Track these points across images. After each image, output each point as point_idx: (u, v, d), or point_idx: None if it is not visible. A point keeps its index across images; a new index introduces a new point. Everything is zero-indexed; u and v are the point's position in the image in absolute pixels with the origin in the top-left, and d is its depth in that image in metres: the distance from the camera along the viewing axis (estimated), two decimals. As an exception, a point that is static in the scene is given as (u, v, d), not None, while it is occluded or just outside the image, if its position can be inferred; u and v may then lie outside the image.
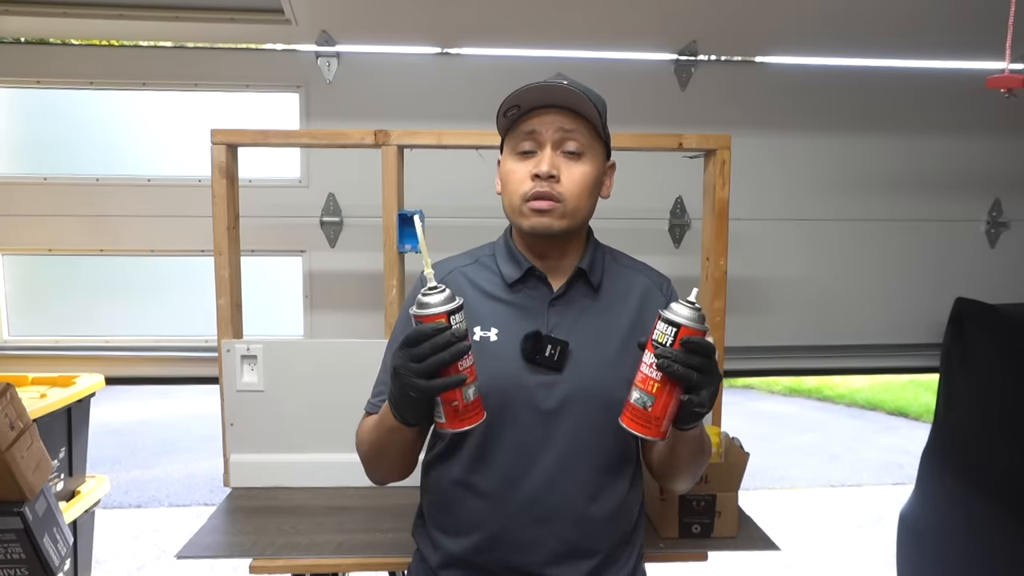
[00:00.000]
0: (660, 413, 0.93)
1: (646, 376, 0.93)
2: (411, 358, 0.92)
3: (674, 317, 0.91)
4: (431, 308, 0.92)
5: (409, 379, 0.92)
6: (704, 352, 0.91)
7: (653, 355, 0.92)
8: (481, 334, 1.12)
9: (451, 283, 1.15)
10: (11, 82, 2.29)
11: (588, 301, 1.15)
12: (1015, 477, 2.03)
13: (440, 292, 0.93)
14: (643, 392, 0.93)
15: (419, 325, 0.93)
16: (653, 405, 0.93)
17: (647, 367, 0.93)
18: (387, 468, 1.16)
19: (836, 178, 2.45)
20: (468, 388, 0.95)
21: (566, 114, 1.08)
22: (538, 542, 1.10)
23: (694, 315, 0.91)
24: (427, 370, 0.91)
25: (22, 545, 1.64)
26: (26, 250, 2.34)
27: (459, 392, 0.94)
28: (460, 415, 0.95)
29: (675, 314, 0.91)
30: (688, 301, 0.92)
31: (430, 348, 0.91)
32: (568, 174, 1.09)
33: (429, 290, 0.93)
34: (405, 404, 0.98)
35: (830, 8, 2.20)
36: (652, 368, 0.92)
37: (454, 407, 0.95)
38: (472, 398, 0.95)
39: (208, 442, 5.44)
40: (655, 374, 0.92)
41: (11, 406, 1.61)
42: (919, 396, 7.31)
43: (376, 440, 1.11)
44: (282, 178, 2.32)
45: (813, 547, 3.75)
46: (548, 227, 1.09)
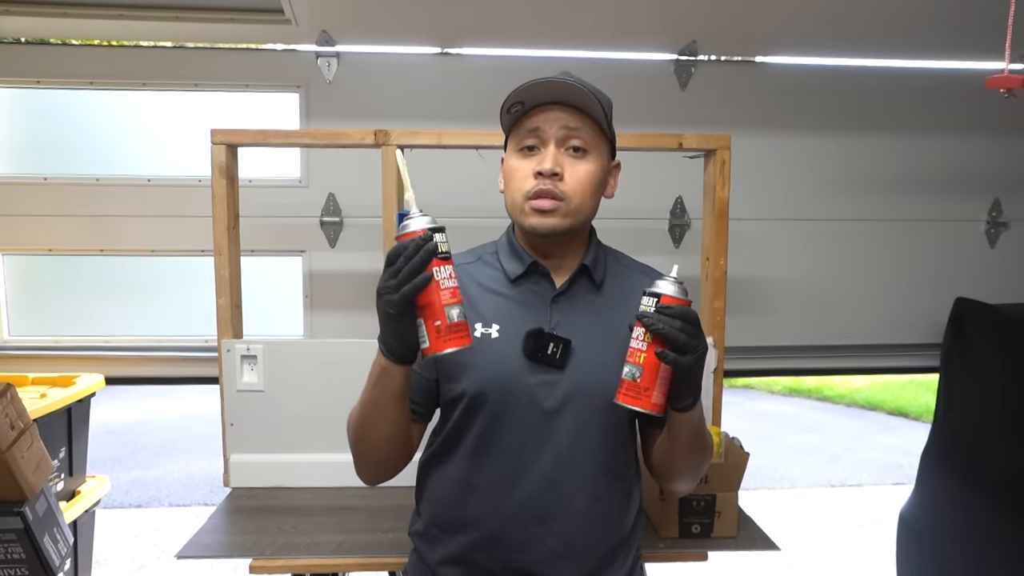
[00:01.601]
0: (649, 383, 0.96)
1: (633, 349, 0.97)
2: (390, 275, 0.91)
3: (655, 289, 0.97)
4: (410, 227, 0.92)
5: (388, 296, 0.91)
6: (684, 315, 0.94)
7: (642, 327, 0.96)
8: (482, 331, 1.11)
9: None
10: (11, 82, 2.29)
11: (591, 298, 1.15)
12: (1015, 477, 2.03)
13: (421, 215, 0.93)
14: (632, 365, 0.97)
15: (397, 243, 0.92)
16: (642, 376, 0.96)
17: (634, 340, 0.97)
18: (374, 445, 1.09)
19: (836, 178, 2.45)
20: (452, 307, 0.92)
21: (571, 111, 1.08)
22: (537, 541, 1.09)
23: (674, 287, 0.96)
24: (402, 279, 0.90)
25: (22, 545, 1.64)
26: (26, 250, 2.34)
27: (440, 308, 0.91)
28: (444, 335, 0.92)
29: (656, 286, 0.97)
30: (669, 276, 0.98)
31: (404, 260, 0.90)
32: (571, 172, 1.08)
33: (411, 214, 0.94)
34: (388, 326, 0.95)
35: (830, 8, 2.20)
36: (638, 340, 0.96)
37: (437, 327, 0.91)
38: (456, 319, 0.92)
39: (208, 442, 5.44)
40: (641, 344, 0.96)
41: (11, 406, 1.61)
42: (919, 396, 7.31)
43: (365, 400, 1.06)
44: (282, 178, 2.32)
45: (813, 547, 3.75)
46: (550, 227, 1.08)
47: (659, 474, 1.18)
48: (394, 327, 0.94)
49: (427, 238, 0.91)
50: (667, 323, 0.93)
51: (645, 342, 0.95)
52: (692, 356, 0.95)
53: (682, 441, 1.07)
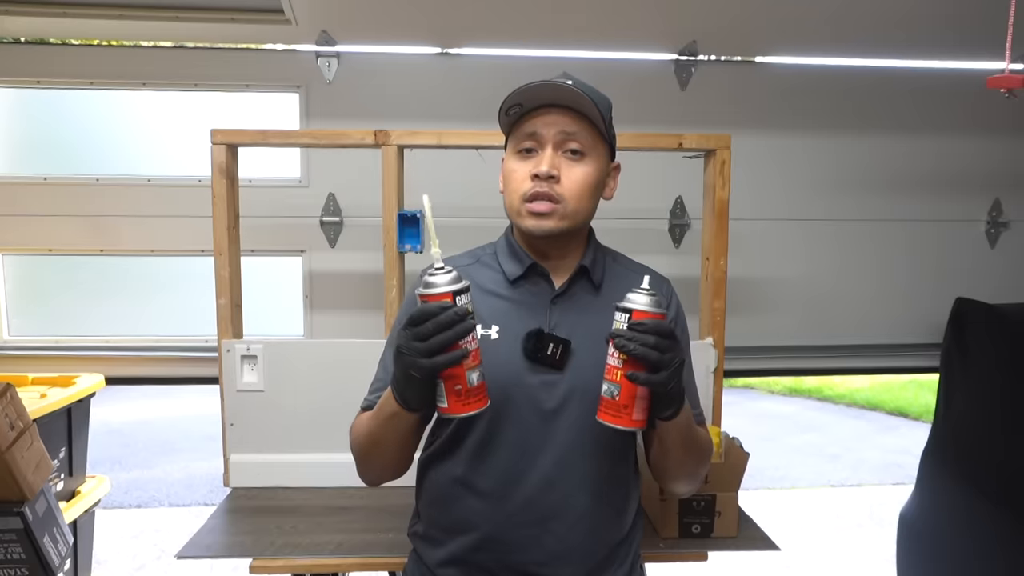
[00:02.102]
0: (627, 401, 0.94)
1: (610, 366, 0.95)
2: (415, 336, 0.91)
3: (626, 304, 0.94)
4: (437, 288, 0.91)
5: (412, 358, 0.91)
6: (656, 330, 0.92)
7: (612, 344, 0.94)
8: (482, 332, 1.11)
9: None
10: (11, 82, 2.29)
11: (590, 299, 1.15)
12: (1015, 477, 2.03)
13: (446, 272, 0.92)
14: (609, 383, 0.95)
15: (424, 304, 0.91)
16: (619, 393, 0.94)
17: (610, 357, 0.95)
18: (382, 463, 1.13)
19: (836, 178, 2.45)
20: (472, 371, 0.93)
21: (569, 114, 1.07)
22: (536, 542, 1.09)
23: (646, 299, 0.93)
24: (431, 348, 0.90)
25: (22, 545, 1.64)
26: (26, 250, 2.34)
27: (463, 373, 0.92)
28: (463, 399, 0.93)
29: (627, 301, 0.94)
30: (641, 288, 0.95)
31: (434, 326, 0.89)
32: (568, 175, 1.08)
33: (436, 270, 0.93)
34: (407, 385, 0.96)
35: (830, 8, 2.20)
36: (613, 356, 0.94)
37: (457, 390, 0.93)
38: (476, 382, 0.93)
39: (208, 442, 5.44)
40: (617, 362, 0.94)
41: (11, 406, 1.61)
42: (919, 396, 7.31)
43: (374, 430, 1.08)
44: (282, 178, 2.32)
45: (813, 547, 3.75)
46: (547, 230, 1.08)
47: (658, 476, 1.18)
48: (415, 389, 0.96)
49: (462, 313, 0.90)
50: (638, 342, 0.91)
51: (620, 359, 0.93)
52: (665, 372, 0.92)
53: (672, 446, 1.07)
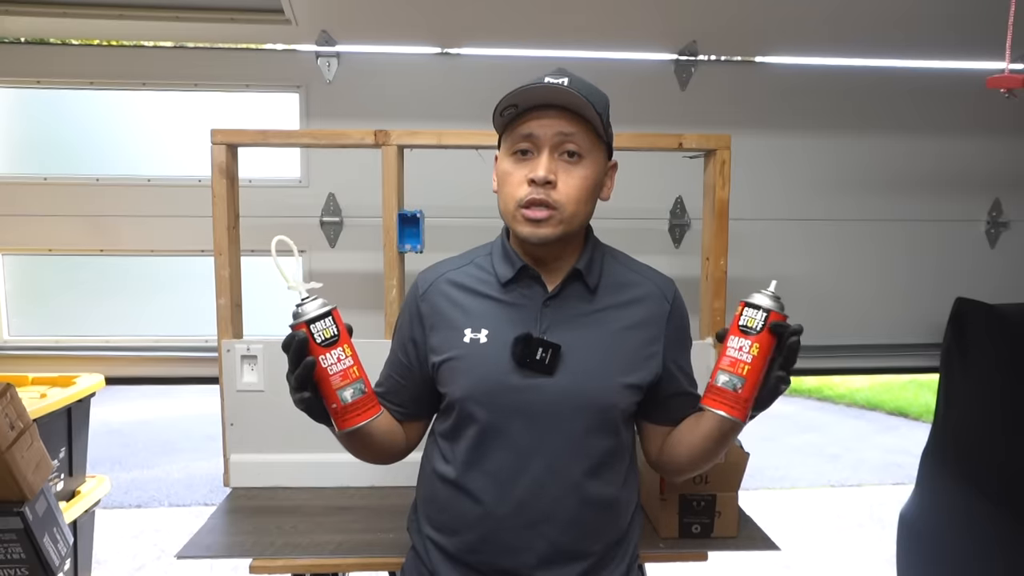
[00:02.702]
0: (749, 394, 0.98)
1: (735, 359, 0.98)
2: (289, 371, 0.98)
3: (761, 302, 0.98)
4: (296, 319, 0.98)
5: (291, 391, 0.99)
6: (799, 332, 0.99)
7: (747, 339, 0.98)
8: (471, 336, 1.11)
9: (442, 288, 1.16)
10: (11, 82, 2.29)
11: (584, 303, 1.14)
12: (1015, 477, 2.03)
13: (307, 303, 0.99)
14: (732, 375, 0.98)
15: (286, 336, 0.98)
16: (743, 386, 0.98)
17: (736, 351, 0.98)
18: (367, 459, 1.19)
19: (836, 178, 2.45)
20: (344, 390, 0.98)
21: (565, 116, 1.05)
22: (528, 546, 1.09)
23: (778, 303, 0.99)
24: (295, 382, 0.97)
25: (22, 545, 1.64)
26: (26, 250, 2.34)
27: (333, 394, 0.98)
28: (340, 416, 0.99)
29: (765, 303, 0.99)
30: (769, 291, 1.00)
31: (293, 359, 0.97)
32: (565, 179, 1.06)
33: (301, 302, 1.00)
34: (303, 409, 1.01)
35: (830, 8, 2.20)
36: (741, 351, 0.98)
37: (334, 408, 0.99)
38: (350, 400, 0.99)
39: (208, 442, 5.44)
40: (746, 356, 0.97)
41: (11, 406, 1.61)
42: (919, 396, 7.31)
43: None
44: (282, 178, 2.32)
45: (813, 547, 3.75)
46: (543, 237, 1.07)
47: (667, 468, 1.19)
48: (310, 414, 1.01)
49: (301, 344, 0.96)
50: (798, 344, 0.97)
51: (751, 354, 0.97)
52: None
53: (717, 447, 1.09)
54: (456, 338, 1.12)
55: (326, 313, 0.98)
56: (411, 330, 1.18)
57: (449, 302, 1.15)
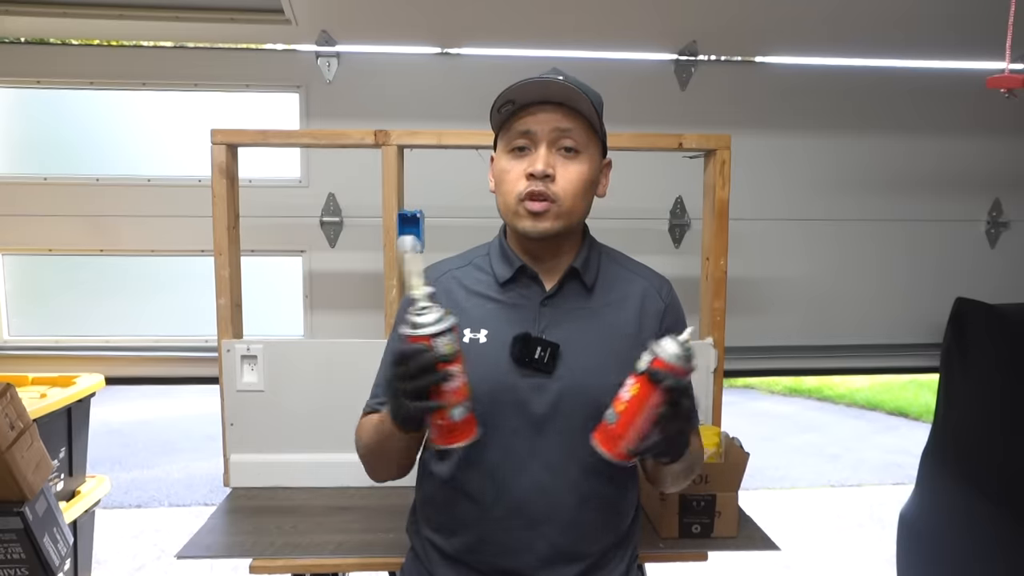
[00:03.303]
0: (622, 432, 0.95)
1: (619, 395, 0.96)
2: (398, 377, 0.93)
3: (657, 346, 0.94)
4: (417, 330, 0.93)
5: (399, 397, 0.94)
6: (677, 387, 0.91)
7: (632, 378, 0.95)
8: (471, 336, 1.11)
9: (441, 287, 1.16)
10: (11, 82, 2.29)
11: (581, 302, 1.14)
12: (1015, 477, 2.03)
13: (427, 313, 0.94)
14: (612, 409, 0.96)
15: (405, 345, 0.94)
16: (616, 423, 0.95)
17: (624, 387, 0.96)
18: (385, 468, 1.17)
19: (836, 178, 2.45)
20: (455, 408, 0.95)
21: (562, 111, 1.06)
22: (526, 546, 1.09)
23: (677, 351, 0.93)
24: (412, 391, 0.92)
25: (22, 545, 1.64)
26: (26, 250, 2.34)
27: (444, 413, 0.94)
28: (445, 434, 0.96)
29: (659, 345, 0.94)
30: (677, 338, 0.94)
31: (414, 370, 0.92)
32: (563, 173, 1.07)
33: (420, 310, 0.94)
34: (398, 416, 0.98)
35: (830, 8, 2.20)
36: (625, 388, 0.95)
37: (440, 425, 0.96)
38: (459, 418, 0.95)
39: (208, 442, 5.44)
40: (626, 394, 0.95)
41: (11, 406, 1.61)
42: (919, 396, 7.31)
43: (375, 442, 1.11)
44: (282, 178, 2.32)
45: (813, 547, 3.75)
46: (543, 231, 1.07)
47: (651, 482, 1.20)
48: (408, 421, 0.97)
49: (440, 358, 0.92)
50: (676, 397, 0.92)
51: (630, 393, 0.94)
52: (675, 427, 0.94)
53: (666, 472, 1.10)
54: None
55: (449, 328, 0.95)
56: None
57: (449, 302, 1.15)
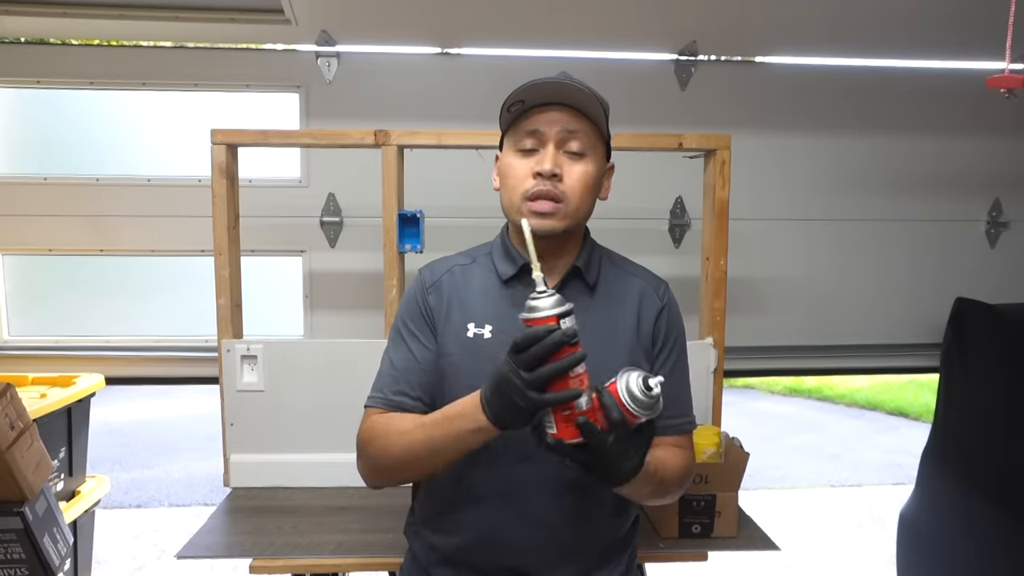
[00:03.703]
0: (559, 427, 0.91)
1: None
2: (522, 365, 0.87)
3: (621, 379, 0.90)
4: (540, 311, 0.88)
5: (520, 388, 0.88)
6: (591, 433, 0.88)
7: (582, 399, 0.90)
8: (475, 331, 1.11)
9: (445, 283, 1.16)
10: (11, 82, 2.29)
11: (584, 300, 1.14)
12: (1015, 477, 2.03)
13: (549, 295, 0.89)
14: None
15: (528, 329, 0.89)
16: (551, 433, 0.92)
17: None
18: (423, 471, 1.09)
19: (836, 178, 2.45)
20: (582, 398, 0.89)
21: (571, 113, 1.07)
22: (529, 543, 1.09)
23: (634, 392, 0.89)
24: (539, 379, 0.87)
25: (22, 545, 1.64)
26: (26, 250, 2.34)
27: (573, 403, 0.88)
28: (568, 424, 0.89)
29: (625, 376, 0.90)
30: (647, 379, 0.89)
31: (540, 352, 0.86)
32: (570, 173, 1.08)
33: (538, 293, 0.90)
34: (508, 411, 0.91)
35: (830, 8, 2.20)
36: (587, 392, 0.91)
37: (566, 416, 0.89)
38: (585, 407, 0.89)
39: (208, 442, 5.44)
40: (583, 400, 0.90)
41: (11, 406, 1.61)
42: (919, 396, 7.31)
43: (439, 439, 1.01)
44: (282, 178, 2.32)
45: (813, 547, 3.75)
46: (549, 229, 1.08)
47: None
48: (517, 417, 0.91)
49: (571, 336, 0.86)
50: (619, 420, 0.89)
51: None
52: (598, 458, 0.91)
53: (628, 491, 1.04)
54: (460, 332, 1.12)
55: (571, 310, 0.89)
56: (424, 317, 1.15)
57: (454, 297, 1.15)
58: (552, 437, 0.91)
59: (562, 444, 0.90)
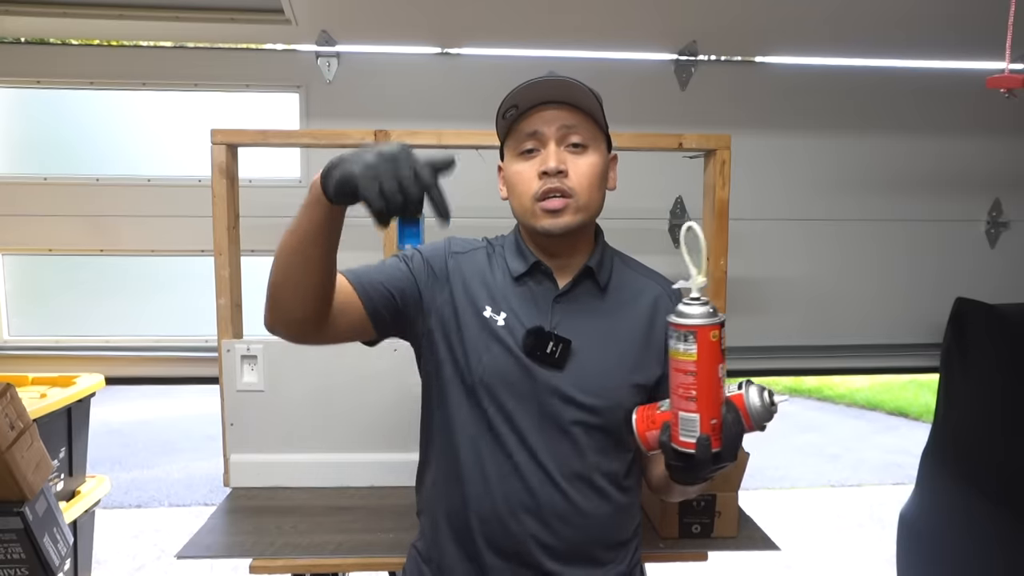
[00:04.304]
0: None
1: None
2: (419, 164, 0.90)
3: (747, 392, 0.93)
4: (702, 318, 0.89)
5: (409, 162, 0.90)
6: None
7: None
8: (491, 314, 1.11)
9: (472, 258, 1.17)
10: (11, 82, 2.29)
11: (595, 301, 1.14)
12: (1015, 477, 2.03)
13: (704, 303, 0.91)
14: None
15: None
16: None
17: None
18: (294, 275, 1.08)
19: (836, 178, 2.45)
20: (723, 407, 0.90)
21: (566, 109, 1.08)
22: (534, 539, 1.09)
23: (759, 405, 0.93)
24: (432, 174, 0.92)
25: (22, 545, 1.64)
26: (26, 250, 2.34)
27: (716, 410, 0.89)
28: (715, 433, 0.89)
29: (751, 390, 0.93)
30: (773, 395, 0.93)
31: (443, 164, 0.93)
32: (575, 167, 1.08)
33: (693, 299, 0.92)
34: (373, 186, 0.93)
35: (830, 8, 2.20)
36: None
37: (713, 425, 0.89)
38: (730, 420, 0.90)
39: (208, 442, 5.44)
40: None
41: (11, 406, 1.61)
42: (919, 396, 7.31)
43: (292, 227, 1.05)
44: (282, 178, 2.32)
45: (813, 547, 3.75)
46: (564, 226, 1.08)
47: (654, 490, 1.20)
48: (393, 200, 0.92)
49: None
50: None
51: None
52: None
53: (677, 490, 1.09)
54: (478, 309, 1.11)
55: (723, 321, 0.90)
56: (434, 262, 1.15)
57: (475, 274, 1.15)
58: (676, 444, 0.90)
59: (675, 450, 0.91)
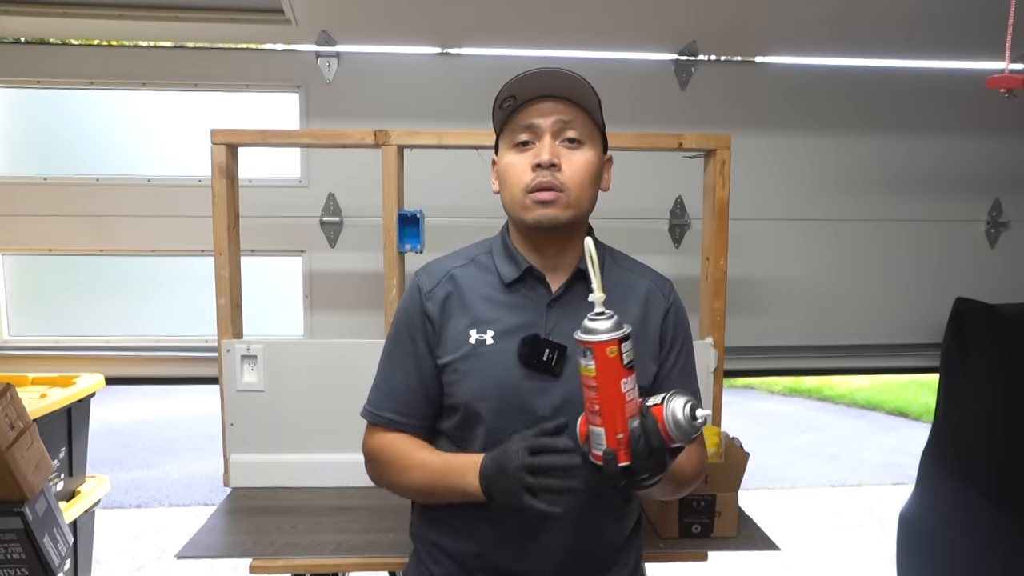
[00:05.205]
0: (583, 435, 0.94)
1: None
2: (528, 469, 0.96)
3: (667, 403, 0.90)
4: (599, 335, 0.88)
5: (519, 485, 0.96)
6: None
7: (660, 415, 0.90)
8: (477, 337, 1.10)
9: (443, 288, 1.14)
10: (11, 82, 2.29)
11: (587, 302, 1.14)
12: (1015, 477, 2.03)
13: (608, 318, 0.89)
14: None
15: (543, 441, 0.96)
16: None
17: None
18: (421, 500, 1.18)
19: (836, 178, 2.45)
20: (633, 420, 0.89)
21: (564, 103, 1.07)
22: (533, 549, 1.09)
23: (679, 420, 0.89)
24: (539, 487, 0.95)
25: (22, 545, 1.64)
26: (26, 250, 2.34)
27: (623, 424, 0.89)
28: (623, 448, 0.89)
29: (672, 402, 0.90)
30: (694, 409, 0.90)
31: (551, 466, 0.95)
32: (569, 162, 1.07)
33: (596, 315, 0.90)
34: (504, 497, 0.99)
35: (830, 8, 2.20)
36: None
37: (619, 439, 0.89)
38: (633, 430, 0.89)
39: (208, 442, 5.44)
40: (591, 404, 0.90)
41: (11, 406, 1.61)
42: (919, 396, 7.31)
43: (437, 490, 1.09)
44: (282, 178, 2.32)
45: (813, 547, 3.75)
46: (553, 219, 1.06)
47: None
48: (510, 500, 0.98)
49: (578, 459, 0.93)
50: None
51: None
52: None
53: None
54: (462, 339, 1.10)
55: (630, 334, 0.89)
56: (422, 327, 1.13)
57: (454, 302, 1.13)
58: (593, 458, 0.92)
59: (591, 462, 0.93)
